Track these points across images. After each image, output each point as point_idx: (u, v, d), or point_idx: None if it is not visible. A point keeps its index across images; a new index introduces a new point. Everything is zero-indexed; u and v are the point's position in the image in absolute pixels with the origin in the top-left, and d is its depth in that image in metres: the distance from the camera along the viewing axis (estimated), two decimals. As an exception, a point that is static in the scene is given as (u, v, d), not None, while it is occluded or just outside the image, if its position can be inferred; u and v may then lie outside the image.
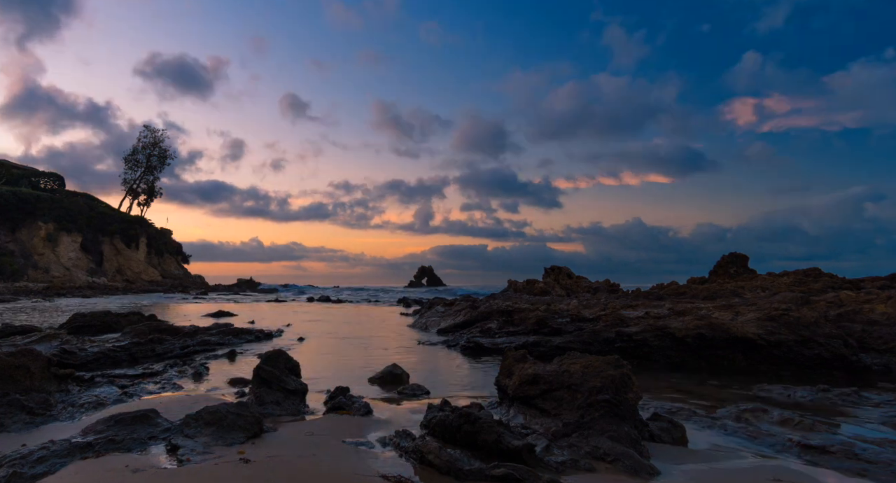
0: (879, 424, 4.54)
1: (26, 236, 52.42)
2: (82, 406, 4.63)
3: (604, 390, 3.68)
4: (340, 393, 4.87)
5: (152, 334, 8.21)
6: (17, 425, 3.98)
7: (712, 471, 3.23)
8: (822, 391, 5.64)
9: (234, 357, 8.42)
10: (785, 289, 14.02)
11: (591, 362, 3.98)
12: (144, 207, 68.92)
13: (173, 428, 3.64)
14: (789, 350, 7.10)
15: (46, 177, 64.58)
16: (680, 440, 3.83)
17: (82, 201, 60.38)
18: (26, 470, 2.89)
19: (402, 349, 9.83)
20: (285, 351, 5.26)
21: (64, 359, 6.28)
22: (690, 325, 7.77)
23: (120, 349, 7.29)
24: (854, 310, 8.54)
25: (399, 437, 3.62)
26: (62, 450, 3.16)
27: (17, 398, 4.23)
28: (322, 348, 9.82)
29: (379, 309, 25.91)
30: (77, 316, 10.76)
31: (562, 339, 8.63)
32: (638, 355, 7.85)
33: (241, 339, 9.76)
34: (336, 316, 20.03)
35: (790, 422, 4.32)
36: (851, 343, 7.09)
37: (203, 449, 3.28)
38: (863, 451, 3.65)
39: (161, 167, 69.42)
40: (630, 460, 3.20)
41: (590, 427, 3.53)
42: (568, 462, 3.20)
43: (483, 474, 2.85)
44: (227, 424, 3.56)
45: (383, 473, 2.96)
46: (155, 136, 68.87)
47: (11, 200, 52.45)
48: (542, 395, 4.01)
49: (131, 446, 3.36)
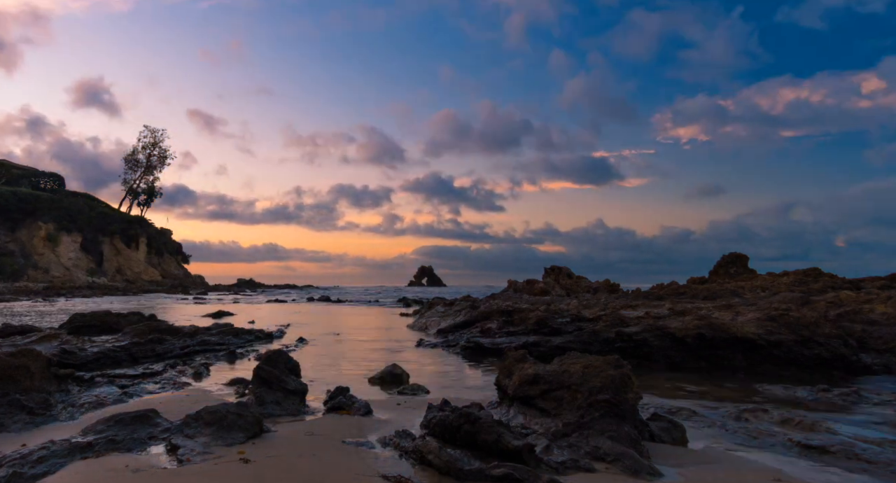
0: (879, 424, 4.54)
1: (26, 236, 52.41)
2: (82, 406, 4.63)
3: (604, 390, 3.68)
4: (340, 393, 4.87)
5: (152, 334, 8.21)
6: (17, 425, 3.98)
7: (712, 471, 3.23)
8: (822, 391, 5.64)
9: (234, 357, 8.43)
10: (785, 289, 14.02)
11: (591, 362, 3.97)
12: (144, 207, 68.92)
13: (173, 428, 3.64)
14: (789, 350, 7.10)
15: (46, 177, 64.60)
16: (680, 440, 3.83)
17: (82, 201, 60.39)
18: (26, 470, 2.89)
19: (402, 349, 9.83)
20: (285, 351, 5.26)
21: (64, 359, 6.28)
22: (690, 325, 7.77)
23: (120, 349, 7.29)
24: (854, 310, 8.54)
25: (399, 437, 3.62)
26: (62, 450, 3.16)
27: (17, 398, 4.23)
28: (322, 348, 9.82)
29: (379, 309, 25.91)
30: (77, 316, 10.77)
31: (562, 339, 8.63)
32: (638, 355, 7.85)
33: (241, 339, 9.75)
34: (336, 316, 20.03)
35: (790, 422, 4.32)
36: (851, 343, 7.09)
37: (203, 449, 3.28)
38: (863, 451, 3.65)
39: (161, 167, 69.42)
40: (630, 460, 3.19)
41: (590, 427, 3.53)
42: (568, 462, 3.20)
43: (483, 474, 2.85)
44: (227, 424, 3.56)
45: (383, 473, 2.96)
46: (155, 136, 68.87)
47: (11, 200, 52.44)
48: (542, 395, 4.01)
49: (131, 446, 3.36)
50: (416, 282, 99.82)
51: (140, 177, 67.93)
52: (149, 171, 68.40)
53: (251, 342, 9.88)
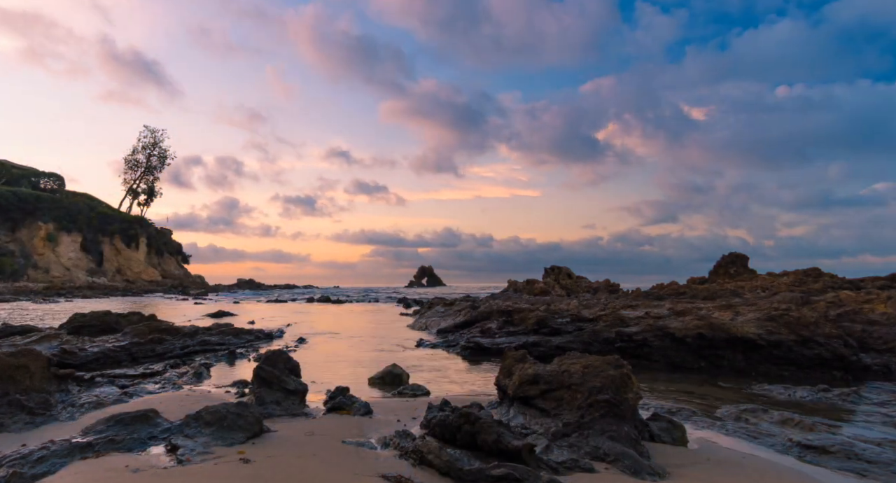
0: (879, 424, 4.54)
1: (26, 236, 52.42)
2: (82, 406, 4.63)
3: (604, 390, 3.68)
4: (340, 393, 4.87)
5: (152, 334, 8.21)
6: (17, 425, 3.98)
7: (712, 471, 3.23)
8: (822, 391, 5.64)
9: (234, 357, 8.43)
10: (785, 289, 14.04)
11: (591, 362, 3.97)
12: (144, 207, 68.90)
13: (173, 428, 3.64)
14: (789, 350, 7.10)
15: (46, 177, 64.58)
16: (680, 440, 3.82)
17: (82, 201, 60.38)
18: (26, 470, 2.89)
19: (401, 349, 9.83)
20: (285, 351, 5.26)
21: (64, 359, 6.28)
22: (690, 325, 7.77)
23: (120, 349, 7.29)
24: (854, 310, 8.54)
25: (399, 437, 3.62)
26: (62, 450, 3.16)
27: (17, 398, 4.23)
28: (322, 348, 9.82)
29: (379, 309, 25.91)
30: (77, 316, 10.75)
31: (562, 339, 8.63)
32: (638, 355, 7.85)
33: (241, 339, 9.75)
34: (336, 316, 20.03)
35: (790, 422, 4.32)
36: (851, 343, 7.08)
37: (203, 449, 3.28)
38: (863, 451, 3.65)
39: (161, 167, 69.38)
40: (630, 460, 3.19)
41: (590, 427, 3.53)
42: (568, 462, 3.20)
43: (483, 474, 2.85)
44: (227, 424, 3.56)
45: (383, 473, 2.96)
46: (155, 136, 68.85)
47: (11, 200, 52.44)
48: (542, 395, 4.01)
49: (131, 446, 3.36)
50: (416, 282, 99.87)
51: (140, 177, 67.91)
52: (149, 171, 68.39)
53: (251, 342, 9.88)
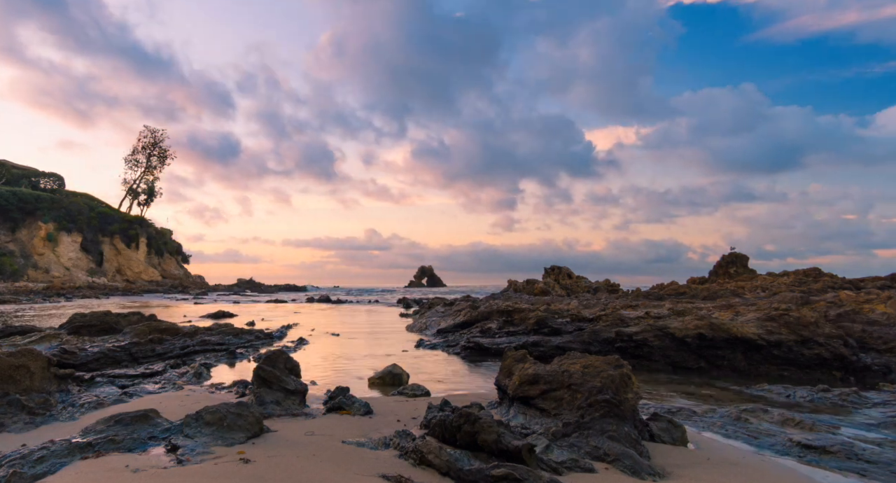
0: (879, 424, 4.54)
1: (26, 236, 52.43)
2: (82, 406, 4.63)
3: (604, 390, 3.68)
4: (340, 393, 4.87)
5: (152, 334, 8.21)
6: (17, 425, 3.98)
7: (712, 471, 3.23)
8: (822, 391, 5.64)
9: (234, 357, 8.43)
10: (785, 289, 14.04)
11: (591, 362, 3.97)
12: (144, 207, 68.90)
13: (173, 428, 3.64)
14: (789, 350, 7.10)
15: (46, 177, 64.59)
16: (680, 440, 3.83)
17: (82, 201, 60.38)
18: (26, 470, 2.89)
19: (401, 349, 9.83)
20: (285, 351, 5.26)
21: (64, 359, 6.28)
22: (690, 325, 7.77)
23: (120, 349, 7.29)
24: (854, 310, 8.54)
25: (399, 437, 3.62)
26: (62, 450, 3.16)
27: (17, 398, 4.23)
28: (322, 349, 9.82)
29: (379, 309, 25.91)
30: (77, 316, 10.75)
31: (562, 339, 8.63)
32: (638, 355, 7.85)
33: (241, 339, 9.75)
34: (336, 316, 20.03)
35: (790, 422, 4.32)
36: (851, 343, 7.08)
37: (203, 449, 3.28)
38: (863, 451, 3.65)
39: (161, 167, 69.40)
40: (630, 460, 3.19)
41: (590, 427, 3.53)
42: (568, 462, 3.20)
43: (483, 474, 2.85)
44: (227, 424, 3.56)
45: (383, 473, 2.96)
46: (155, 136, 68.85)
47: (11, 200, 52.45)
48: (542, 395, 4.01)
49: (131, 446, 3.36)
50: (416, 282, 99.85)
51: (140, 177, 67.92)
52: (149, 170, 68.39)
53: (251, 342, 9.88)
